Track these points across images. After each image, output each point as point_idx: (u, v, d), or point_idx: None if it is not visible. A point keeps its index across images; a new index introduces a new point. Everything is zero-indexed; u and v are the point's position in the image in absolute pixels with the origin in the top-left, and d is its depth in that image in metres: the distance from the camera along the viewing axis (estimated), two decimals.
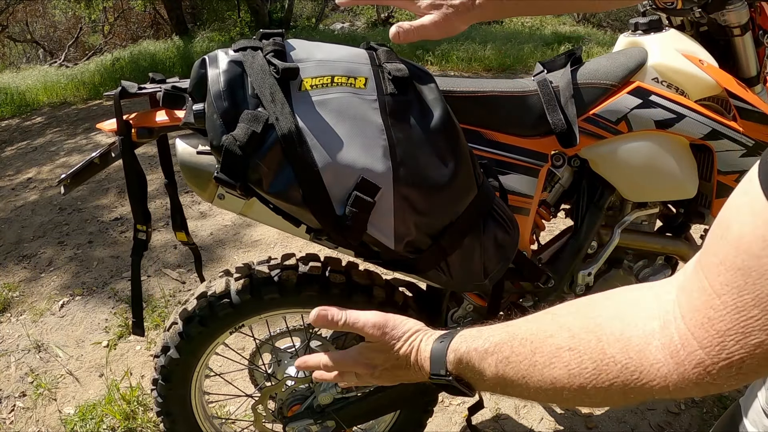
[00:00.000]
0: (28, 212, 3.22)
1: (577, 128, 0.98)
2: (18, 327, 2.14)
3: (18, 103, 6.25)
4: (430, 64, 6.74)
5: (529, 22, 11.77)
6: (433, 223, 0.78)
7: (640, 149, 1.04)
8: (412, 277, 0.90)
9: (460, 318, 1.16)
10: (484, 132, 1.00)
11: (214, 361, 1.74)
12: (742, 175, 1.10)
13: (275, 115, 0.70)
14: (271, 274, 1.03)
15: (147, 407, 1.65)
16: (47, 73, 8.62)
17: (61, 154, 4.33)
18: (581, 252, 1.13)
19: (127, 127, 0.84)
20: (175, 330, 1.06)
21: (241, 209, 0.90)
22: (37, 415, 1.69)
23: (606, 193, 1.11)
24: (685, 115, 1.03)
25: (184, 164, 0.85)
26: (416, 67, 0.81)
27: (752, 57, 1.12)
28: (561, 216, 1.21)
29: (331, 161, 0.71)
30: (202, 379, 1.17)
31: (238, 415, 1.58)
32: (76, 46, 13.35)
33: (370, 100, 0.75)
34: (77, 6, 11.61)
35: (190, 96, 0.78)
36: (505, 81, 1.04)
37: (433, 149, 0.76)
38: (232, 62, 0.73)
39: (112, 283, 2.39)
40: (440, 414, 1.59)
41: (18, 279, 2.50)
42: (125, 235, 2.83)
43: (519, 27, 10.65)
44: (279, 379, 1.18)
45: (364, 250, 0.80)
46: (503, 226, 0.86)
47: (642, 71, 1.05)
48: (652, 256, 1.25)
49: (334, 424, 1.15)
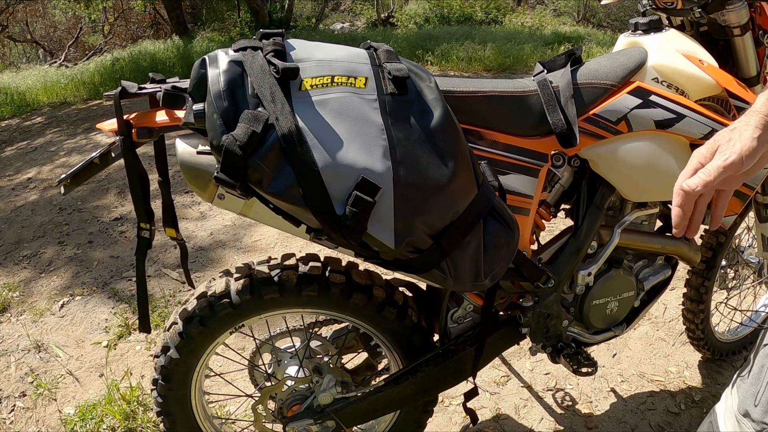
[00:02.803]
0: (28, 212, 3.22)
1: (577, 128, 0.98)
2: (18, 327, 2.14)
3: (18, 103, 6.25)
4: (430, 64, 6.74)
5: (529, 22, 11.78)
6: (433, 222, 0.78)
7: (640, 149, 1.04)
8: (412, 277, 0.90)
9: (460, 318, 1.16)
10: (484, 132, 1.00)
11: (214, 361, 1.74)
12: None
13: (275, 114, 0.70)
14: (271, 274, 1.03)
15: (147, 407, 1.65)
16: (47, 73, 8.63)
17: (61, 154, 4.33)
18: (581, 252, 1.13)
19: (127, 127, 0.84)
20: (175, 330, 1.06)
21: (241, 209, 0.90)
22: (37, 415, 1.69)
23: (606, 193, 1.11)
24: (685, 115, 1.03)
25: (184, 164, 0.85)
26: (416, 67, 0.81)
27: (752, 57, 1.12)
28: (561, 216, 1.21)
29: (331, 161, 0.71)
30: (202, 379, 1.17)
31: (238, 415, 1.58)
32: (76, 46, 13.35)
33: (370, 99, 0.75)
34: (77, 6, 11.61)
35: (190, 96, 0.78)
36: (505, 81, 1.04)
37: (433, 149, 0.77)
38: (232, 62, 0.73)
39: (112, 283, 2.39)
40: (440, 414, 1.59)
41: (18, 279, 2.50)
42: (125, 235, 2.83)
43: (519, 27, 10.64)
44: (279, 379, 1.18)
45: (364, 250, 0.80)
46: (503, 226, 0.86)
47: (642, 71, 1.05)
48: (652, 256, 1.25)
49: (334, 424, 1.15)
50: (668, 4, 1.09)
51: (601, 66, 1.05)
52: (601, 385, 1.69)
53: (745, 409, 0.77)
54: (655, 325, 1.96)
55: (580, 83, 1.02)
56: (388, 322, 1.10)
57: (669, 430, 1.53)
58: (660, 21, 1.11)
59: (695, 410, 1.59)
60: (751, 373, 0.79)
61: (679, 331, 1.91)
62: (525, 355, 1.82)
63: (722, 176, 0.66)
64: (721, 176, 0.66)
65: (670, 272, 1.27)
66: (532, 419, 1.57)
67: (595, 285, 1.17)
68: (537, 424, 1.55)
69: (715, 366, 1.75)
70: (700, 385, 1.69)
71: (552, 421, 1.56)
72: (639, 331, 1.93)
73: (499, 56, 6.65)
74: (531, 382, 1.71)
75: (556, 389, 1.68)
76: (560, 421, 1.56)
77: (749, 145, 0.66)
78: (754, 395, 0.76)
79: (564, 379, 1.71)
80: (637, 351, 1.84)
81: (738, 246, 1.66)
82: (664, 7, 1.11)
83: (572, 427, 1.54)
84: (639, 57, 1.05)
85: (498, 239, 0.85)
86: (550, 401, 1.63)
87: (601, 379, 1.72)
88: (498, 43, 7.33)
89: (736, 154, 0.66)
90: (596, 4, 12.41)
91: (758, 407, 0.75)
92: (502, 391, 1.68)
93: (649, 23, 1.10)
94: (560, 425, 1.55)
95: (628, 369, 1.76)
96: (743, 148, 0.66)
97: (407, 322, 1.11)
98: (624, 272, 1.19)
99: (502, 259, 0.88)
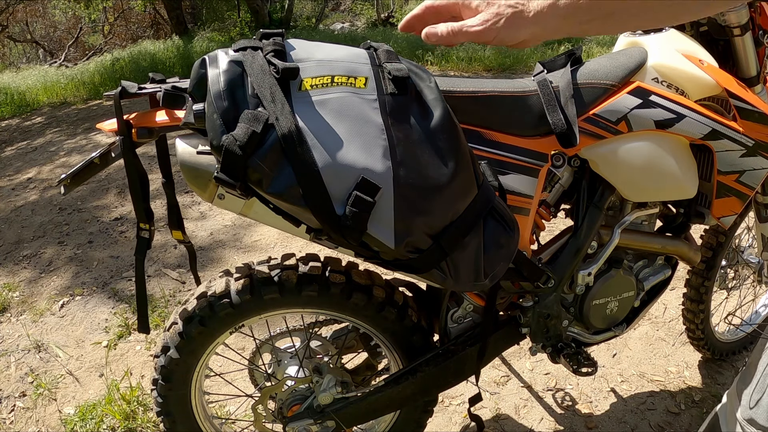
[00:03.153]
0: (28, 212, 3.22)
1: (577, 128, 0.98)
2: (18, 327, 2.14)
3: (18, 103, 6.26)
4: (430, 64, 6.74)
5: None
6: (433, 223, 0.78)
7: (640, 149, 1.04)
8: (412, 277, 0.90)
9: (460, 318, 1.16)
10: (484, 132, 1.00)
11: (214, 361, 1.74)
12: (742, 175, 1.11)
13: (275, 114, 0.70)
14: (271, 274, 1.03)
15: (147, 407, 1.65)
16: (47, 73, 8.63)
17: (61, 154, 4.33)
18: (581, 252, 1.13)
19: (127, 127, 0.84)
20: (175, 330, 1.06)
21: (241, 209, 0.90)
22: (37, 415, 1.69)
23: (606, 193, 1.11)
24: (685, 115, 1.03)
25: (184, 164, 0.85)
26: (416, 66, 0.81)
27: (752, 57, 1.12)
28: (561, 216, 1.21)
29: (331, 161, 0.71)
30: (202, 379, 1.17)
31: (238, 415, 1.58)
32: (76, 46, 13.35)
33: (370, 99, 0.75)
34: (77, 6, 11.62)
35: (190, 96, 0.78)
36: (505, 81, 1.04)
37: (433, 149, 0.76)
38: (232, 62, 0.73)
39: (112, 283, 2.39)
40: (440, 414, 1.59)
41: (18, 279, 2.50)
42: (125, 235, 2.83)
43: None
44: (279, 379, 1.18)
45: (364, 250, 0.80)
46: (503, 226, 0.86)
47: (642, 71, 1.05)
48: (652, 256, 1.25)
49: (334, 424, 1.15)
50: None
51: (601, 66, 1.05)
52: (601, 385, 1.69)
53: (749, 415, 0.76)
54: (655, 325, 1.96)
55: (580, 83, 1.02)
56: (388, 322, 1.10)
57: (669, 430, 1.53)
58: None
59: (695, 410, 1.59)
60: (754, 379, 0.78)
61: (679, 331, 1.91)
62: (525, 355, 1.82)
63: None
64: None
65: (670, 272, 1.27)
66: (532, 419, 1.57)
67: (595, 285, 1.17)
68: (537, 424, 1.55)
69: (715, 366, 1.75)
70: (700, 385, 1.69)
71: (552, 421, 1.56)
72: (639, 331, 1.93)
73: (499, 56, 6.66)
74: (531, 382, 1.71)
75: (556, 389, 1.68)
76: (560, 421, 1.56)
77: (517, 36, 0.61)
78: (757, 401, 0.76)
79: (564, 379, 1.72)
80: (637, 351, 1.84)
81: (738, 246, 1.66)
82: None
83: (572, 427, 1.54)
84: (639, 57, 1.05)
85: (498, 239, 0.85)
86: (550, 401, 1.63)
87: (601, 379, 1.72)
88: None
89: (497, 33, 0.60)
90: None
91: (762, 413, 0.74)
92: (502, 391, 1.68)
93: None
94: (560, 425, 1.55)
95: (628, 369, 1.76)
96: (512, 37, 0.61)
97: (407, 322, 1.11)
98: (624, 272, 1.19)
99: (502, 259, 0.87)
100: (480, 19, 0.62)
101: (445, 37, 0.63)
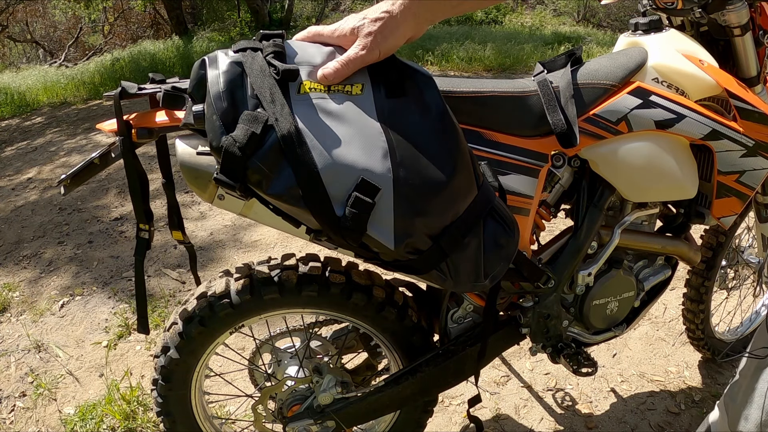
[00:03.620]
0: (28, 212, 3.22)
1: (577, 128, 0.98)
2: (18, 327, 2.14)
3: (18, 103, 6.26)
4: (430, 64, 6.74)
5: (529, 22, 11.78)
6: (433, 223, 0.78)
7: (640, 149, 1.04)
8: (412, 277, 0.90)
9: (460, 318, 1.16)
10: (484, 132, 1.00)
11: (214, 361, 1.74)
12: (742, 175, 1.11)
13: (275, 116, 0.70)
14: (271, 274, 1.03)
15: (147, 407, 1.65)
16: (47, 73, 8.63)
17: (61, 154, 4.33)
18: (581, 252, 1.13)
19: (127, 128, 0.84)
20: (175, 330, 1.06)
21: (241, 210, 0.90)
22: (37, 415, 1.69)
23: (606, 193, 1.11)
24: (685, 115, 1.03)
25: (183, 165, 0.85)
26: (416, 67, 0.81)
27: (752, 57, 1.12)
28: (561, 216, 1.21)
29: (331, 162, 0.71)
30: (202, 379, 1.17)
31: (238, 415, 1.58)
32: (76, 46, 13.36)
33: (368, 104, 0.75)
34: (77, 6, 11.61)
35: (189, 97, 0.78)
36: (505, 81, 1.03)
37: (433, 150, 0.76)
38: (231, 63, 0.73)
39: (112, 283, 2.39)
40: (440, 414, 1.59)
41: (18, 279, 2.50)
42: (125, 235, 2.83)
43: (519, 27, 10.64)
44: (279, 379, 1.18)
45: (364, 251, 0.80)
46: (503, 226, 0.86)
47: (642, 71, 1.05)
48: (652, 256, 1.25)
49: (334, 424, 1.15)
50: (668, 4, 1.09)
51: (601, 66, 1.04)
52: (601, 385, 1.69)
53: (739, 429, 0.76)
54: (655, 325, 1.96)
55: (580, 83, 1.02)
56: (388, 322, 1.10)
57: (669, 430, 1.54)
58: (660, 21, 1.11)
59: (695, 410, 1.59)
60: (743, 393, 0.78)
61: (679, 331, 1.91)
62: (525, 355, 1.82)
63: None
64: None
65: (670, 272, 1.27)
66: (532, 419, 1.57)
67: (595, 285, 1.17)
68: (537, 424, 1.55)
69: (715, 366, 1.75)
70: (700, 385, 1.69)
71: (552, 421, 1.56)
72: (639, 331, 1.93)
73: (499, 56, 6.66)
74: (531, 382, 1.71)
75: (556, 389, 1.68)
76: (560, 421, 1.56)
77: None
78: (746, 416, 0.75)
79: (564, 379, 1.72)
80: (637, 351, 1.84)
81: (738, 246, 1.66)
82: (664, 7, 1.11)
83: (572, 427, 1.54)
84: (639, 57, 1.05)
85: (498, 240, 0.85)
86: (550, 401, 1.63)
87: (601, 379, 1.72)
88: (498, 43, 7.33)
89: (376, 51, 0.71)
90: (596, 4, 12.41)
91: (752, 428, 0.74)
92: (502, 391, 1.68)
93: (649, 23, 1.10)
94: (560, 425, 1.55)
95: (628, 369, 1.76)
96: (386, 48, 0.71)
97: (407, 322, 1.11)
98: (624, 272, 1.19)
99: (502, 260, 0.87)
100: (360, 45, 0.72)
101: (340, 72, 0.72)
